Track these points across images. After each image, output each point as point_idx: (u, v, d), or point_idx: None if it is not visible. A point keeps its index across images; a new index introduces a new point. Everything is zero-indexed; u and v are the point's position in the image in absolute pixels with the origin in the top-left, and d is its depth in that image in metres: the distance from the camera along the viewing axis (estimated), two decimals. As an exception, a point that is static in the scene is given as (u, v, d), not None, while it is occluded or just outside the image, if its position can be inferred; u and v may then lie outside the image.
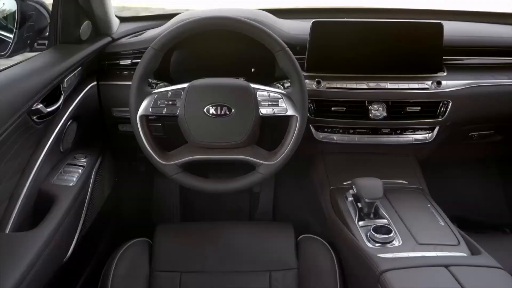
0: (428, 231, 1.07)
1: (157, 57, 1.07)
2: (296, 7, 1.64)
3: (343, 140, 1.33)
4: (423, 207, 1.18)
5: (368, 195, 1.09)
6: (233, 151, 1.09)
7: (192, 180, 1.10)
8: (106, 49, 1.36)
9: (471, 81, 1.29)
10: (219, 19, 1.07)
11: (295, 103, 1.08)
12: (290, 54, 1.07)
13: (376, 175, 1.28)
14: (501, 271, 0.91)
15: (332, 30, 1.27)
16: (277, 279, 1.13)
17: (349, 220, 1.13)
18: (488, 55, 1.36)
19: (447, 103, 1.28)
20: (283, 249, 1.19)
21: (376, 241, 1.03)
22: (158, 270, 1.14)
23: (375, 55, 1.28)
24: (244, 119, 1.07)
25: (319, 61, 1.29)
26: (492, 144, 1.48)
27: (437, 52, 1.27)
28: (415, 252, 0.99)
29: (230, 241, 1.22)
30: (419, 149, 1.38)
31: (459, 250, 1.01)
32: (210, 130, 1.07)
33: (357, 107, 1.28)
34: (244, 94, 1.07)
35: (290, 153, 1.09)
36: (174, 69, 1.36)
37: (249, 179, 1.10)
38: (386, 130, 1.31)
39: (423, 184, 1.31)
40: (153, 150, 1.08)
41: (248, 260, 1.17)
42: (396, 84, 1.27)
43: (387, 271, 0.89)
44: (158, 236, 1.22)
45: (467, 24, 1.51)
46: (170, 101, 1.08)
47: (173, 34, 1.06)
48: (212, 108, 1.06)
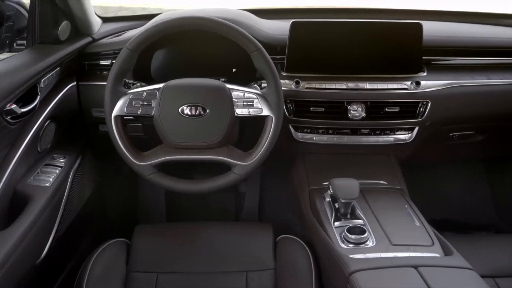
0: (403, 232, 1.07)
1: (132, 57, 1.07)
2: (280, 7, 1.63)
3: (323, 140, 1.32)
4: (400, 208, 1.18)
5: (344, 195, 1.09)
6: (208, 151, 1.09)
7: (167, 180, 1.10)
8: (87, 49, 1.36)
9: (450, 82, 1.29)
10: (193, 19, 1.07)
11: (271, 104, 1.08)
12: (265, 54, 1.07)
13: (356, 176, 1.28)
14: (470, 272, 0.91)
15: (311, 31, 1.26)
16: (254, 279, 1.13)
17: (325, 221, 1.13)
18: (468, 55, 1.36)
19: (426, 103, 1.28)
20: (261, 249, 1.19)
21: (350, 241, 1.03)
22: (134, 271, 1.14)
23: (354, 56, 1.28)
24: (219, 119, 1.07)
25: (298, 62, 1.29)
26: (475, 144, 1.48)
27: (417, 52, 1.27)
28: (388, 253, 0.98)
29: (208, 241, 1.22)
30: (400, 149, 1.38)
31: (432, 251, 1.01)
32: (185, 130, 1.07)
33: (336, 107, 1.28)
34: (219, 94, 1.07)
35: (266, 153, 1.09)
36: (155, 70, 1.36)
37: (224, 180, 1.10)
38: (366, 131, 1.31)
39: (403, 184, 1.31)
40: (128, 150, 1.08)
41: (225, 261, 1.17)
42: (375, 85, 1.27)
43: (356, 271, 0.89)
44: (136, 236, 1.22)
45: (447, 24, 1.51)
46: (145, 102, 1.08)
47: (148, 34, 1.06)
48: (186, 108, 1.06)
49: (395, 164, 1.38)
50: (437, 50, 1.34)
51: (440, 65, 1.35)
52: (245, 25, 1.28)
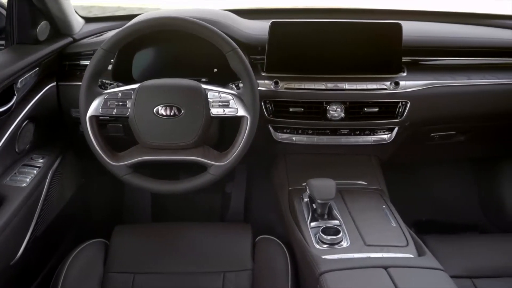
0: (378, 232, 1.07)
1: (107, 57, 1.07)
2: (263, 7, 1.63)
3: (302, 140, 1.32)
4: (378, 208, 1.18)
5: (320, 196, 1.09)
6: (183, 152, 1.09)
7: (142, 181, 1.10)
8: (67, 50, 1.36)
9: (430, 82, 1.29)
10: (166, 19, 1.07)
11: (246, 104, 1.08)
12: (240, 54, 1.07)
13: (336, 176, 1.28)
14: (441, 273, 0.91)
15: (290, 31, 1.26)
16: (231, 279, 1.13)
17: (301, 221, 1.13)
18: (449, 55, 1.36)
19: (406, 104, 1.28)
20: (239, 250, 1.19)
21: (324, 242, 1.03)
22: (111, 271, 1.14)
23: (334, 56, 1.28)
24: (194, 119, 1.07)
25: (278, 62, 1.28)
26: (457, 145, 1.48)
27: (396, 52, 1.27)
28: (361, 254, 0.98)
29: (187, 242, 1.22)
30: (381, 150, 1.38)
31: (405, 252, 1.00)
32: (160, 130, 1.07)
33: (315, 107, 1.28)
34: (194, 94, 1.07)
35: (241, 153, 1.09)
36: (136, 70, 1.36)
37: (199, 180, 1.10)
38: (345, 131, 1.31)
39: (383, 185, 1.31)
40: (103, 150, 1.08)
41: (203, 261, 1.17)
42: (354, 85, 1.26)
43: (326, 272, 0.89)
44: (115, 237, 1.22)
45: (429, 24, 1.50)
46: (121, 102, 1.07)
47: (122, 34, 1.06)
48: (161, 108, 1.06)
49: (376, 164, 1.38)
50: (418, 50, 1.33)
51: (421, 65, 1.35)
52: (223, 25, 1.28)
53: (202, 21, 1.08)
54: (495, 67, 1.36)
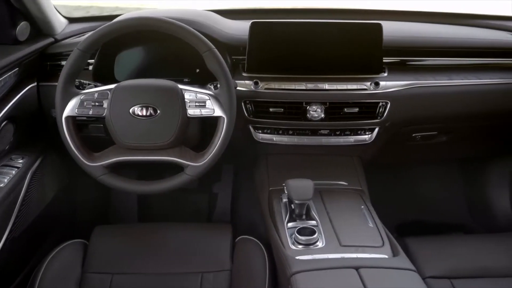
0: (354, 233, 1.07)
1: (83, 58, 1.07)
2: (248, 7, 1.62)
3: (283, 141, 1.32)
4: (357, 209, 1.18)
5: (298, 196, 1.09)
6: (160, 152, 1.09)
7: (118, 181, 1.10)
8: (49, 50, 1.36)
9: (411, 82, 1.28)
10: (142, 19, 1.07)
11: (223, 104, 1.08)
12: (217, 55, 1.07)
13: (317, 176, 1.28)
14: (412, 273, 0.91)
15: (271, 31, 1.26)
16: (209, 280, 1.13)
17: (279, 222, 1.13)
18: (430, 55, 1.35)
19: (386, 104, 1.27)
20: (218, 250, 1.19)
21: (300, 242, 1.03)
22: (89, 272, 1.14)
23: (315, 56, 1.28)
24: (171, 120, 1.07)
25: (259, 62, 1.28)
26: (440, 145, 1.48)
27: (377, 52, 1.26)
28: (335, 254, 0.98)
29: (166, 242, 1.22)
30: (362, 150, 1.38)
31: (380, 252, 1.00)
32: (136, 131, 1.07)
33: (295, 108, 1.28)
34: (171, 95, 1.07)
35: (218, 154, 1.09)
36: (118, 71, 1.36)
37: (175, 181, 1.10)
38: (325, 131, 1.31)
39: (364, 185, 1.31)
40: (79, 151, 1.08)
41: (182, 262, 1.17)
42: (335, 85, 1.26)
43: (297, 273, 0.89)
44: (94, 237, 1.22)
45: (411, 24, 1.50)
46: (97, 102, 1.07)
47: (97, 35, 1.05)
48: (137, 109, 1.06)
49: (358, 165, 1.38)
50: (399, 51, 1.33)
51: (403, 65, 1.34)
52: (203, 25, 1.27)
53: (180, 21, 1.08)
54: (477, 67, 1.36)
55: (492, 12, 1.56)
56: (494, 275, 1.17)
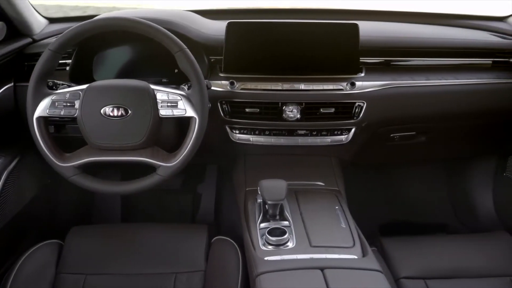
0: (326, 234, 1.07)
1: (55, 58, 1.06)
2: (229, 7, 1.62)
3: (259, 141, 1.32)
4: (330, 209, 1.17)
5: (271, 197, 1.09)
6: (131, 152, 1.09)
7: (90, 182, 1.10)
8: (27, 50, 1.35)
9: (387, 82, 1.28)
10: (113, 20, 1.06)
11: (194, 105, 1.08)
12: (188, 55, 1.07)
13: (294, 177, 1.28)
14: (378, 274, 0.91)
15: (247, 31, 1.26)
16: (182, 280, 1.13)
17: (252, 222, 1.12)
18: (409, 56, 1.35)
19: (362, 104, 1.27)
20: (193, 251, 1.19)
21: (270, 243, 1.03)
22: (63, 273, 1.14)
23: (291, 56, 1.27)
24: (142, 120, 1.06)
25: (235, 62, 1.28)
26: (420, 145, 1.47)
27: (354, 53, 1.26)
28: (304, 255, 0.98)
29: (142, 243, 1.22)
30: (341, 151, 1.38)
31: (350, 253, 1.00)
32: (108, 131, 1.07)
33: (271, 108, 1.27)
34: (142, 95, 1.07)
35: (190, 154, 1.08)
36: (97, 71, 1.36)
37: (147, 181, 1.10)
38: (302, 132, 1.31)
39: (341, 186, 1.31)
40: (50, 151, 1.07)
41: (156, 262, 1.17)
42: (311, 86, 1.26)
43: (262, 273, 0.89)
44: (70, 237, 1.22)
45: (390, 24, 1.49)
46: (68, 103, 1.07)
47: (68, 35, 1.05)
48: (108, 109, 1.06)
49: (336, 165, 1.38)
50: (376, 51, 1.33)
51: (381, 66, 1.33)
52: (179, 25, 1.27)
53: (155, 21, 1.08)
54: (455, 67, 1.36)
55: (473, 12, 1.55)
56: (468, 276, 1.17)
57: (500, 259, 1.22)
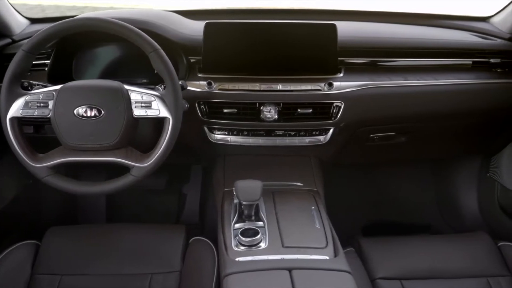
0: (299, 234, 1.07)
1: (28, 58, 1.06)
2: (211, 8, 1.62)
3: (238, 141, 1.32)
4: (307, 210, 1.17)
5: (245, 197, 1.09)
6: (105, 153, 1.08)
7: (63, 182, 1.09)
8: (6, 50, 1.35)
9: (365, 82, 1.28)
10: (86, 20, 1.06)
11: (168, 105, 1.08)
12: (162, 55, 1.06)
13: (273, 177, 1.28)
14: (346, 275, 0.90)
15: (225, 32, 1.26)
16: (158, 281, 1.13)
17: (226, 223, 1.12)
18: (388, 56, 1.34)
19: (340, 105, 1.27)
20: (170, 251, 1.19)
21: (242, 244, 1.03)
22: (39, 273, 1.13)
23: (269, 57, 1.27)
24: (116, 120, 1.06)
25: (214, 63, 1.28)
26: (400, 146, 1.47)
27: (332, 53, 1.26)
28: (275, 255, 0.98)
29: (119, 243, 1.22)
30: (320, 151, 1.37)
31: (321, 253, 1.00)
32: (81, 132, 1.06)
33: (249, 108, 1.27)
34: (115, 95, 1.07)
35: (164, 154, 1.08)
36: (77, 71, 1.36)
37: (121, 182, 1.09)
38: (280, 132, 1.30)
39: (320, 186, 1.30)
40: (24, 151, 1.07)
41: (132, 263, 1.17)
42: (288, 86, 1.26)
43: (230, 274, 0.89)
44: (47, 238, 1.22)
45: (369, 24, 1.49)
46: (42, 103, 1.07)
47: (42, 36, 1.05)
48: (82, 110, 1.05)
49: (315, 165, 1.37)
50: (355, 51, 1.32)
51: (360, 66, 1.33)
52: (156, 25, 1.27)
53: (131, 21, 1.08)
54: (434, 68, 1.36)
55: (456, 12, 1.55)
56: (445, 276, 1.17)
57: (478, 260, 1.21)
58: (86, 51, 1.37)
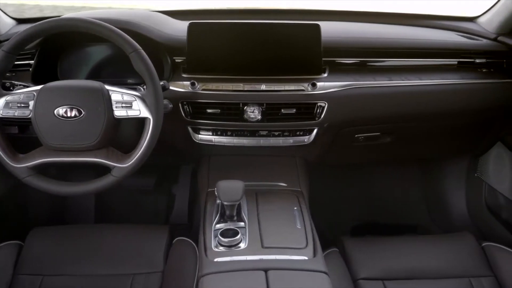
0: (279, 234, 1.07)
1: (8, 59, 1.06)
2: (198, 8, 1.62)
3: (222, 142, 1.32)
4: (289, 210, 1.17)
5: (226, 197, 1.09)
6: (86, 153, 1.08)
7: (44, 182, 1.09)
8: None
9: (349, 83, 1.27)
10: (66, 20, 1.06)
11: (149, 105, 1.07)
12: (143, 55, 1.06)
13: (257, 177, 1.28)
14: (322, 275, 0.90)
15: (209, 32, 1.26)
16: (140, 281, 1.13)
17: (208, 223, 1.12)
18: (373, 56, 1.34)
19: (324, 105, 1.27)
20: (153, 251, 1.19)
21: (222, 244, 1.03)
22: (21, 274, 1.14)
23: (253, 57, 1.27)
24: (96, 121, 1.06)
25: (198, 63, 1.27)
26: (386, 146, 1.47)
27: (316, 53, 1.26)
28: (253, 256, 0.98)
29: (102, 244, 1.22)
30: (305, 151, 1.37)
31: (300, 254, 1.00)
32: (62, 132, 1.06)
33: (233, 109, 1.27)
34: (95, 96, 1.06)
35: (144, 155, 1.08)
36: (63, 72, 1.36)
37: (101, 182, 1.09)
38: (264, 132, 1.30)
39: (304, 186, 1.30)
40: (4, 152, 1.07)
41: (115, 263, 1.17)
42: (272, 86, 1.26)
43: (206, 275, 0.89)
44: (30, 238, 1.22)
45: (354, 24, 1.49)
46: (22, 104, 1.07)
47: (22, 36, 1.05)
48: (62, 110, 1.05)
49: (300, 166, 1.37)
50: (340, 51, 1.32)
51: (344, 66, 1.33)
52: (140, 25, 1.27)
53: (113, 22, 1.08)
54: (419, 68, 1.35)
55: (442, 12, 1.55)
56: (427, 277, 1.17)
57: (461, 260, 1.21)
58: (72, 51, 1.37)
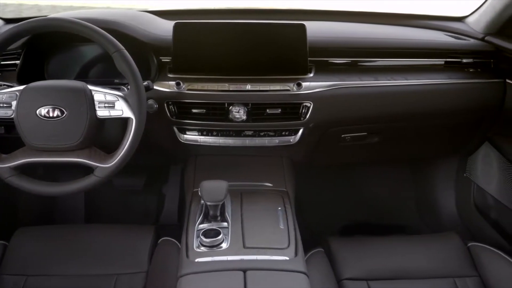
0: (262, 235, 1.07)
1: None
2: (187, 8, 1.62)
3: (208, 142, 1.32)
4: (273, 210, 1.17)
5: (210, 197, 1.09)
6: (68, 153, 1.08)
7: (27, 183, 1.09)
8: None
9: (334, 83, 1.27)
10: (50, 20, 1.06)
11: (131, 105, 1.07)
12: (125, 55, 1.06)
13: (243, 177, 1.28)
14: (301, 276, 0.90)
15: (194, 32, 1.25)
16: (124, 282, 1.13)
17: (191, 223, 1.12)
18: (360, 56, 1.34)
19: (309, 105, 1.27)
20: (137, 252, 1.19)
21: (204, 244, 1.03)
22: (5, 274, 1.13)
23: (239, 57, 1.27)
24: (79, 121, 1.06)
25: (183, 63, 1.27)
26: (374, 146, 1.47)
27: (302, 53, 1.25)
28: (234, 256, 0.98)
29: (86, 244, 1.22)
30: (291, 151, 1.37)
31: (282, 254, 1.00)
32: (44, 132, 1.06)
33: (218, 109, 1.27)
34: (78, 95, 1.06)
35: (127, 155, 1.08)
36: (50, 72, 1.36)
37: (84, 182, 1.09)
38: (249, 132, 1.30)
39: (290, 186, 1.30)
40: None
41: (99, 263, 1.16)
42: (257, 86, 1.25)
43: (184, 275, 0.89)
44: (15, 238, 1.21)
45: (342, 24, 1.49)
46: (5, 104, 1.07)
47: (4, 36, 1.05)
48: (44, 110, 1.05)
49: (287, 166, 1.37)
50: (325, 51, 1.32)
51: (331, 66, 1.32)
52: (125, 25, 1.27)
53: (97, 22, 1.08)
54: (406, 68, 1.35)
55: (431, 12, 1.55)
56: (412, 277, 1.17)
57: (446, 260, 1.21)
58: (59, 52, 1.37)
